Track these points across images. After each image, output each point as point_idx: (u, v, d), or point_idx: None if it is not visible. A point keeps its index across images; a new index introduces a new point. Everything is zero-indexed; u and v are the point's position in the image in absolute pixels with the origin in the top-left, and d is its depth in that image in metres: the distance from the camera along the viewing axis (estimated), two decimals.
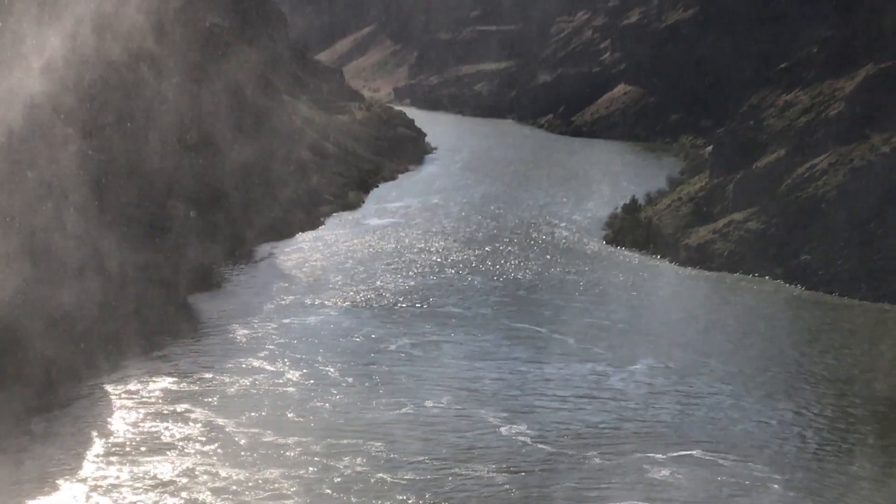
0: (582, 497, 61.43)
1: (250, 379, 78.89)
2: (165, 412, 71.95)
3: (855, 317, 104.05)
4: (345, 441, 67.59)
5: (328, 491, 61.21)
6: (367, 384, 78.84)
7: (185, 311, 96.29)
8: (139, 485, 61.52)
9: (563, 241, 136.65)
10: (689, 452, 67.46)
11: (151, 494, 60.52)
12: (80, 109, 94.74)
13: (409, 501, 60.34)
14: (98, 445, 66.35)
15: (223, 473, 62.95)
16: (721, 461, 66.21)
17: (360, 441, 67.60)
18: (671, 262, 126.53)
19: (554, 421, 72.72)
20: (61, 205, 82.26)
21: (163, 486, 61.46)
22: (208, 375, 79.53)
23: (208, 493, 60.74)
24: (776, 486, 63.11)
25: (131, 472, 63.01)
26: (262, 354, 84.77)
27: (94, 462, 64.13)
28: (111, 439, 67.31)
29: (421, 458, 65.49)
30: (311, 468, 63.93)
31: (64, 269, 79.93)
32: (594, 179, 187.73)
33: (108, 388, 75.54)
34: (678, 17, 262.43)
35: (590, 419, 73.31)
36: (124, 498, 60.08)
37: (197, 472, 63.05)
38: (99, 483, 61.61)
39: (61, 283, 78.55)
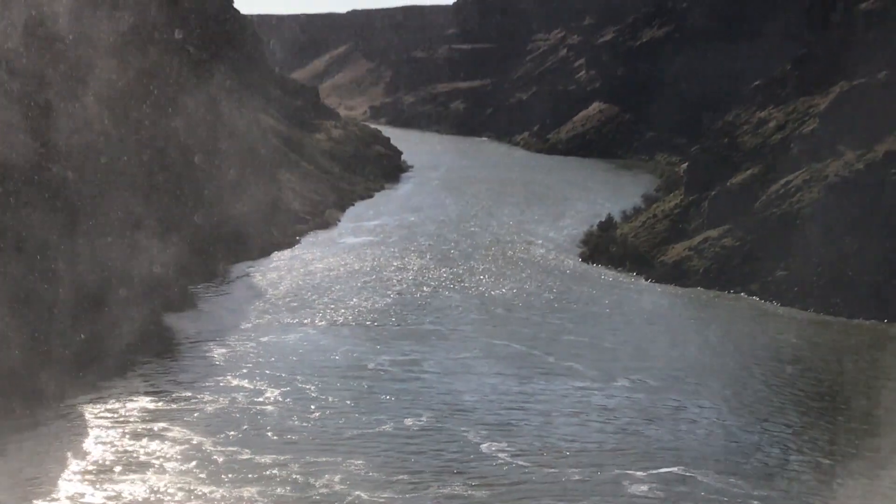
0: None
1: (228, 397, 78.50)
2: (142, 431, 71.49)
3: (831, 333, 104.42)
4: (323, 459, 67.31)
5: None
6: (346, 402, 78.55)
7: (160, 330, 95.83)
8: (114, 503, 61.00)
9: (539, 258, 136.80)
10: (669, 469, 67.38)
11: None
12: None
13: None
14: (73, 464, 65.85)
15: (199, 491, 62.60)
16: (701, 478, 66.17)
17: (338, 459, 67.32)
18: (647, 279, 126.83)
19: (534, 438, 72.56)
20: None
21: (136, 503, 61.03)
22: (186, 394, 79.12)
23: None
24: (756, 502, 63.09)
25: (106, 490, 62.54)
26: (239, 373, 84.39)
27: (68, 481, 63.61)
28: (87, 458, 66.83)
29: (400, 476, 65.25)
30: (288, 486, 63.64)
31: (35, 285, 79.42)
32: (570, 197, 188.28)
33: (84, 407, 75.02)
34: (652, 35, 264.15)
35: (570, 436, 73.17)
36: None
37: (172, 491, 62.70)
38: (74, 502, 61.08)
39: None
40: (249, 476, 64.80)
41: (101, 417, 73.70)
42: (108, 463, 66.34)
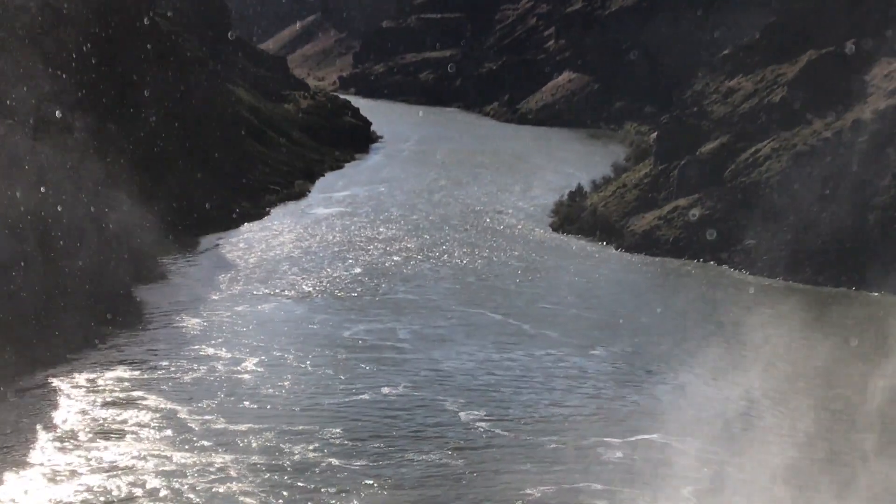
0: (537, 480, 61.72)
1: (203, 367, 78.54)
2: (117, 400, 71.52)
3: (798, 300, 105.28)
4: (299, 427, 67.56)
5: (276, 476, 61.18)
6: (322, 371, 78.77)
7: (132, 302, 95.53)
8: (88, 470, 61.28)
9: (510, 228, 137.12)
10: (646, 436, 67.93)
11: (100, 478, 60.35)
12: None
13: (360, 486, 60.29)
14: (47, 433, 65.90)
15: (173, 458, 62.84)
16: (678, 444, 66.72)
17: (314, 427, 67.58)
18: (617, 248, 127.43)
19: (511, 405, 73.07)
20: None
21: (112, 470, 61.30)
22: (161, 363, 79.11)
23: (157, 477, 60.71)
24: (730, 468, 63.67)
25: (81, 458, 62.71)
26: (214, 342, 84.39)
27: (42, 450, 63.70)
28: (61, 427, 66.86)
29: (376, 444, 65.58)
30: (262, 454, 63.89)
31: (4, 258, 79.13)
32: (540, 167, 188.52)
33: (58, 378, 74.85)
34: (622, 4, 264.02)
35: (547, 403, 73.75)
36: (73, 483, 59.85)
37: (146, 458, 62.95)
38: (47, 470, 61.24)
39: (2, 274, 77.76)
40: (224, 444, 65.01)
41: (75, 388, 73.56)
42: (81, 431, 66.40)
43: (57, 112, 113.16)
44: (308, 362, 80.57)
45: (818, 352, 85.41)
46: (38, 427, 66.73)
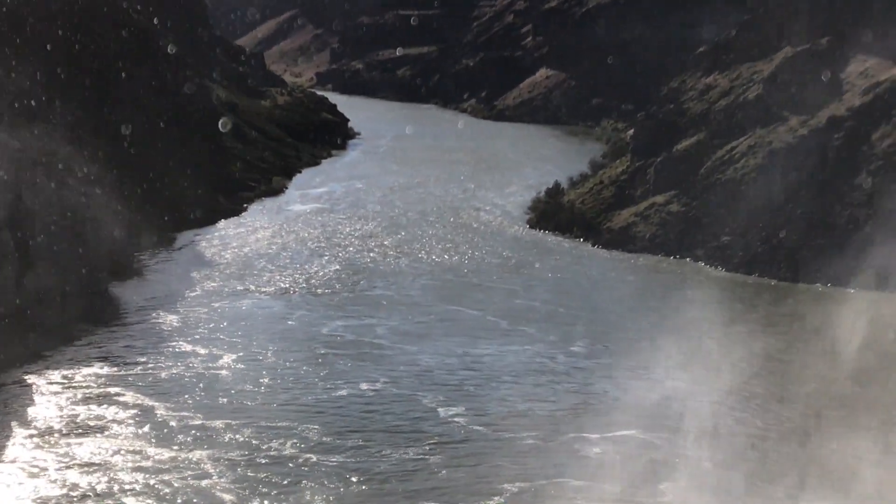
0: (514, 475, 61.88)
1: (181, 363, 78.38)
2: (94, 397, 71.33)
3: (775, 297, 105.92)
4: (277, 424, 67.53)
5: (253, 472, 61.15)
6: (300, 367, 78.73)
7: (107, 298, 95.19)
8: (63, 466, 61.16)
9: (487, 225, 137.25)
10: (624, 432, 68.12)
11: (75, 474, 60.28)
12: None
13: (337, 481, 60.33)
14: (23, 430, 65.67)
15: (150, 455, 62.78)
16: (656, 440, 66.92)
17: (292, 424, 67.55)
18: (594, 244, 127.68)
19: (489, 401, 73.16)
20: None
21: (87, 466, 61.25)
22: (138, 360, 78.91)
23: (133, 473, 60.64)
24: (708, 464, 63.93)
25: (57, 453, 62.61)
26: (192, 339, 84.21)
27: (18, 445, 63.56)
28: (36, 424, 66.67)
29: (354, 441, 65.59)
30: (238, 450, 63.84)
31: None
32: (517, 163, 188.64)
33: (33, 375, 74.59)
34: (599, 2, 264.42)
35: (525, 399, 73.84)
36: (48, 478, 59.75)
37: (123, 454, 62.88)
38: (22, 466, 61.09)
39: None
40: (201, 440, 64.94)
41: (51, 384, 73.33)
42: (57, 428, 66.23)
43: (33, 106, 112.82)
44: (286, 358, 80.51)
45: (786, 350, 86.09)
46: (13, 424, 66.48)
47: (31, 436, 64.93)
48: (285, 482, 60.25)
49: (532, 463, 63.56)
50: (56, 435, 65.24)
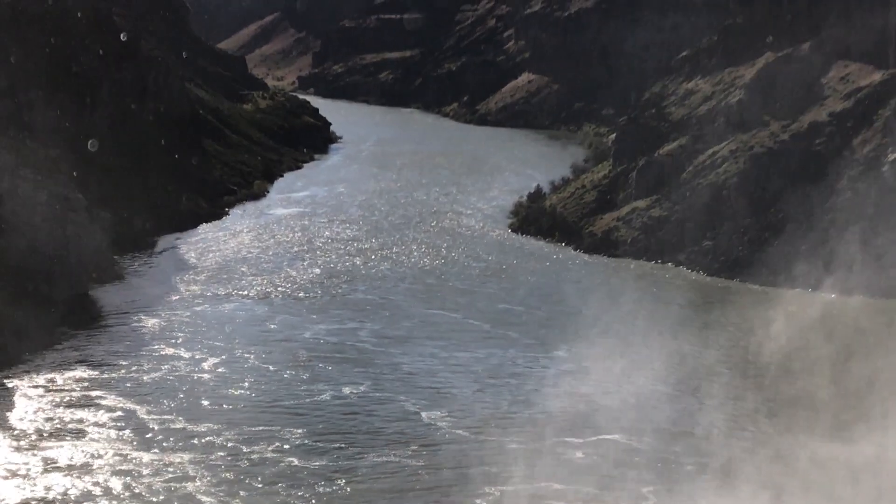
0: (496, 479, 61.86)
1: (164, 367, 78.22)
2: (75, 400, 71.14)
3: (755, 301, 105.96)
4: (259, 428, 67.41)
5: (235, 475, 61.12)
6: (283, 371, 78.64)
7: (88, 302, 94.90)
8: (44, 469, 61.25)
9: (470, 229, 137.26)
10: (606, 436, 68.11)
11: (55, 477, 60.37)
12: None
13: (318, 484, 60.25)
14: (7, 433, 65.55)
15: (131, 458, 62.72)
16: (637, 444, 66.93)
17: (275, 428, 67.47)
18: (576, 249, 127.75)
19: (472, 406, 73.18)
20: None
21: (68, 469, 61.28)
22: (120, 363, 78.74)
23: (113, 475, 60.77)
24: (689, 466, 64.04)
25: (37, 457, 62.58)
26: (174, 342, 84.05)
27: (2, 448, 63.47)
28: (17, 427, 66.51)
29: (336, 445, 65.57)
30: (220, 453, 63.78)
31: None
32: (499, 168, 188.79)
33: (15, 379, 74.29)
34: (581, 6, 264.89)
35: (508, 403, 73.90)
36: (28, 481, 59.69)
37: (104, 457, 62.94)
38: (7, 468, 61.04)
39: None
40: (182, 444, 64.83)
41: (32, 388, 73.05)
42: (37, 431, 66.05)
43: (13, 109, 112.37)
44: (268, 362, 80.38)
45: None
46: None
47: (12, 439, 64.67)
48: (266, 485, 60.25)
49: (513, 467, 63.48)
50: (36, 438, 65.05)
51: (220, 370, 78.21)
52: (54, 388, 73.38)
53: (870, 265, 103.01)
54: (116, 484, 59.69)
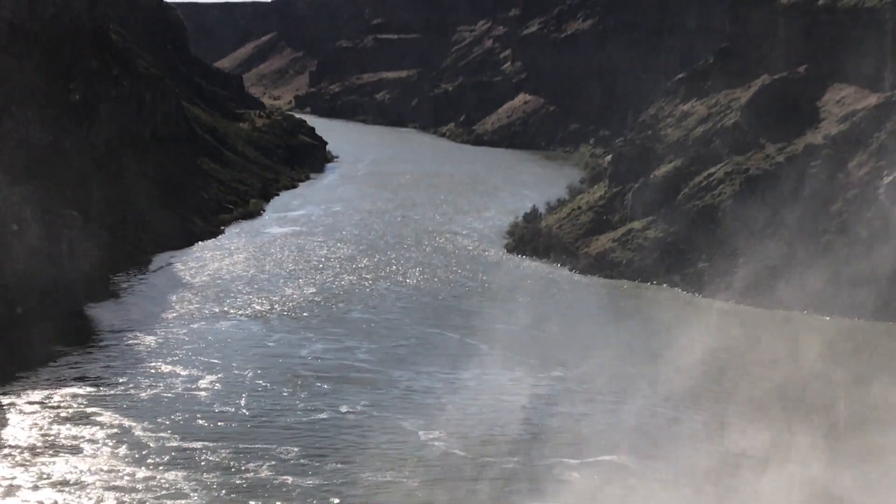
0: (493, 499, 61.69)
1: (160, 384, 78.08)
2: (70, 417, 71.00)
3: (753, 322, 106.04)
4: (255, 446, 67.24)
5: (226, 493, 60.99)
6: (280, 389, 78.48)
7: (84, 320, 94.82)
8: (39, 484, 61.14)
9: (465, 249, 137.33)
10: (602, 457, 67.89)
11: (50, 492, 60.23)
12: None
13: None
14: (1, 449, 65.24)
15: (126, 474, 62.54)
16: (633, 465, 66.65)
17: (270, 446, 67.29)
18: (571, 270, 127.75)
19: (470, 425, 72.91)
20: None
21: (62, 485, 61.19)
22: (115, 381, 78.55)
23: (107, 492, 60.60)
24: (687, 489, 63.80)
25: (30, 472, 62.46)
26: (170, 360, 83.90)
27: None
28: (11, 443, 66.30)
29: (332, 464, 65.34)
30: (215, 471, 63.63)
31: None
32: (495, 188, 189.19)
33: (10, 396, 74.07)
34: (578, 28, 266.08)
35: (506, 423, 73.59)
36: (23, 497, 59.51)
37: (99, 473, 62.78)
38: (0, 484, 60.76)
39: None
40: (177, 461, 64.67)
41: (28, 404, 72.85)
42: (32, 447, 65.92)
43: (9, 127, 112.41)
44: (265, 380, 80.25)
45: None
46: None
47: (6, 456, 64.50)
48: (260, 503, 59.97)
49: (510, 487, 63.37)
50: (30, 454, 64.92)
51: (216, 387, 78.06)
52: (49, 404, 73.21)
53: (863, 286, 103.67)
54: (110, 500, 59.53)
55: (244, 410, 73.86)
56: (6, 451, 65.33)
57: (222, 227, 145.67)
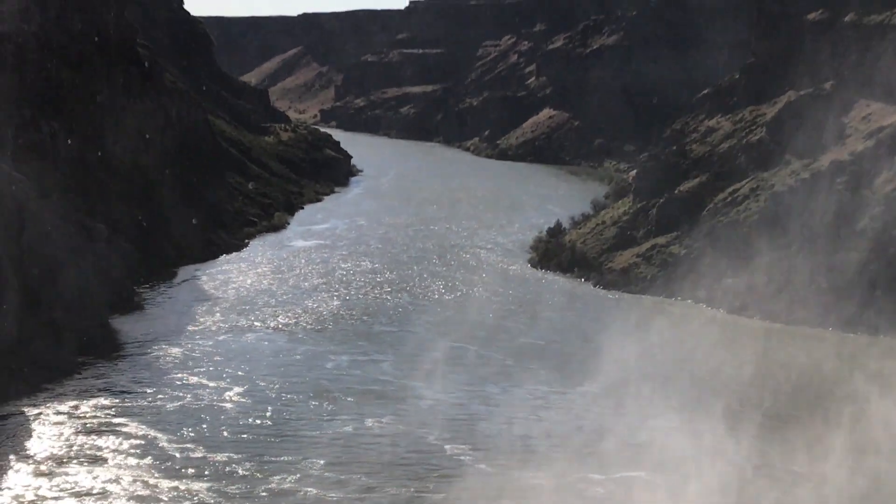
0: None
1: (186, 395, 78.36)
2: (95, 428, 71.41)
3: (777, 340, 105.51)
4: (281, 458, 67.40)
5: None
6: (306, 402, 78.63)
7: (109, 332, 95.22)
8: (61, 495, 61.36)
9: (489, 263, 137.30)
10: (629, 473, 67.55)
11: (74, 503, 60.39)
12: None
13: None
14: (26, 459, 65.75)
15: (150, 485, 62.88)
16: (660, 481, 66.24)
17: (295, 458, 67.43)
18: (595, 285, 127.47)
19: (495, 439, 72.72)
20: None
21: (88, 495, 61.47)
22: (140, 392, 78.90)
23: (131, 501, 60.96)
24: None
25: (55, 483, 62.81)
26: (196, 372, 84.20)
27: (21, 474, 63.72)
28: (37, 454, 66.81)
29: (357, 476, 65.36)
30: (239, 483, 63.82)
31: None
32: (519, 203, 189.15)
33: (37, 407, 74.53)
34: (603, 43, 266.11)
35: (531, 438, 73.36)
36: None
37: (123, 484, 63.05)
38: (24, 494, 61.18)
39: None
40: (202, 473, 64.87)
41: (55, 415, 73.30)
42: (57, 458, 66.29)
43: (37, 138, 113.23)
44: (291, 392, 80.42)
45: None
46: (14, 454, 66.45)
47: (31, 466, 64.97)
48: None
49: (534, 501, 63.21)
50: (55, 464, 65.34)
51: (241, 400, 78.30)
52: (74, 415, 73.59)
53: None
54: None
55: (269, 422, 74.05)
56: (32, 461, 65.74)
57: (247, 240, 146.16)
